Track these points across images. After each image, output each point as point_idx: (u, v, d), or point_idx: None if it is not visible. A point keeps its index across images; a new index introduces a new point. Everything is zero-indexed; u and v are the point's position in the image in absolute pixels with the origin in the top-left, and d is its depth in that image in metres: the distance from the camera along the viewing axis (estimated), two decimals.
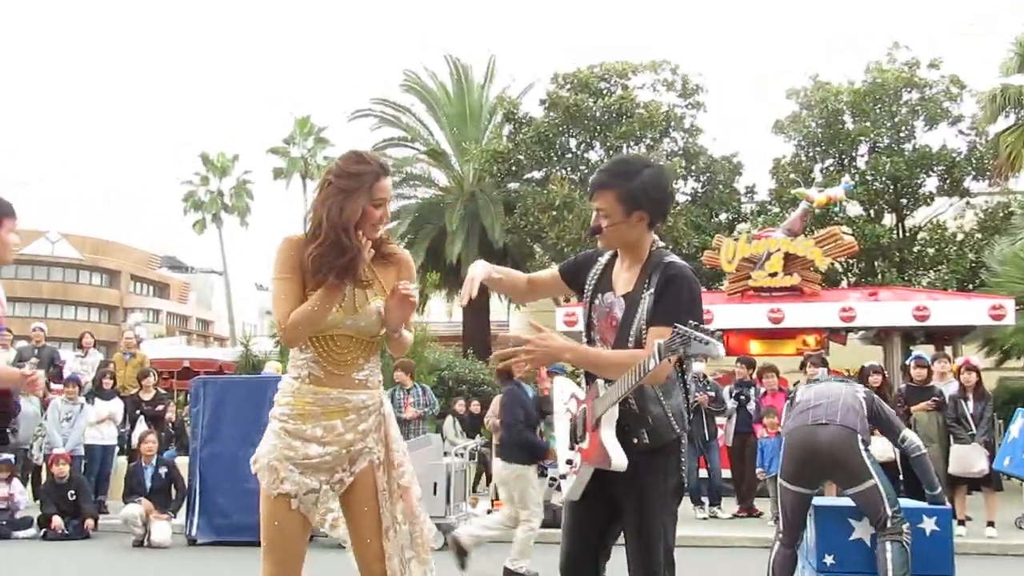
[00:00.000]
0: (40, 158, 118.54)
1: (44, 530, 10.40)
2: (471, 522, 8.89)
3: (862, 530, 5.66)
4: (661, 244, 3.50)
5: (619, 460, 3.20)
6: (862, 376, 11.80)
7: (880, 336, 16.70)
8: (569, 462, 3.46)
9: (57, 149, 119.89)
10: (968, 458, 9.73)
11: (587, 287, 3.61)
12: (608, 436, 3.26)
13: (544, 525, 11.22)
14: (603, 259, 3.63)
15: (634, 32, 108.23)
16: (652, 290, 3.35)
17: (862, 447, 5.54)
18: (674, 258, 3.44)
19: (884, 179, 21.40)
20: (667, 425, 3.33)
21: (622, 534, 3.52)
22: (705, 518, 11.60)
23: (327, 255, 3.27)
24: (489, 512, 11.16)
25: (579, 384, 3.72)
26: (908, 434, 5.99)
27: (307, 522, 3.40)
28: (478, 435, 13.44)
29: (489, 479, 12.82)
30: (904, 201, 21.95)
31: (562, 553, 3.54)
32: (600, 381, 3.36)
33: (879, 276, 20.88)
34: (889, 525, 5.38)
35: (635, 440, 3.29)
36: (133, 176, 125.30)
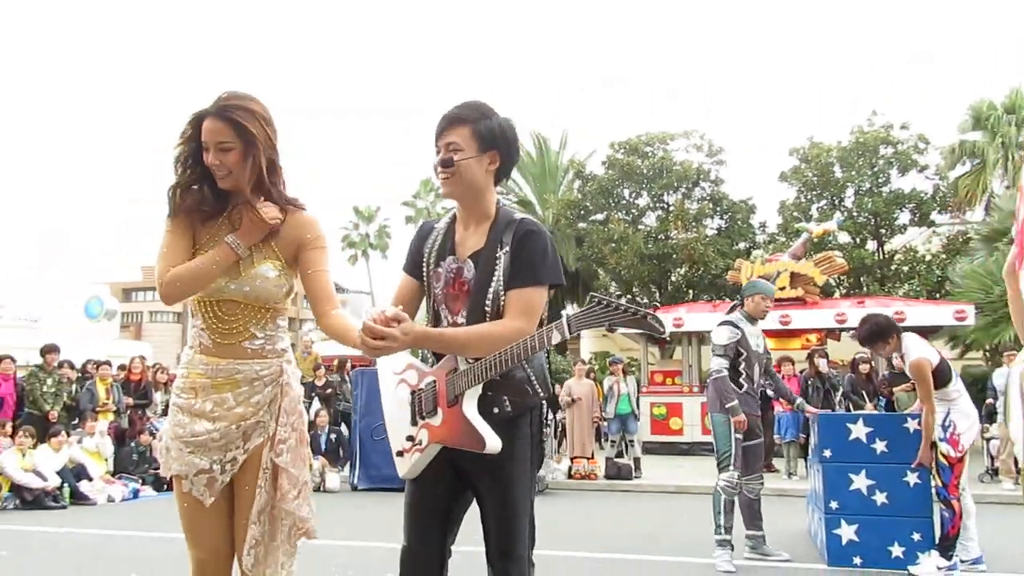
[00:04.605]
0: (51, 161, 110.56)
1: None
2: None
3: (860, 481, 5.50)
4: (505, 203, 2.50)
5: (494, 443, 2.19)
6: (854, 365, 11.51)
7: None
8: (411, 439, 2.38)
9: (66, 152, 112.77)
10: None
11: (426, 257, 2.46)
12: (475, 415, 2.23)
13: (608, 476, 11.16)
14: (439, 226, 2.50)
15: (672, 107, 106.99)
16: (508, 248, 2.32)
17: None
18: (526, 215, 2.45)
19: (867, 215, 20.88)
20: (528, 390, 2.35)
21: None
22: None
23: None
24: (570, 468, 11.16)
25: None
26: None
27: (217, 507, 2.39)
28: (558, 410, 13.39)
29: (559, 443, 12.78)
30: (883, 231, 21.36)
31: (406, 532, 2.42)
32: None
33: (864, 289, 20.42)
34: None
35: (496, 410, 2.28)
36: (154, 188, 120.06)
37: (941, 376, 5.25)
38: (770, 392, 6.86)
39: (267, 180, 2.38)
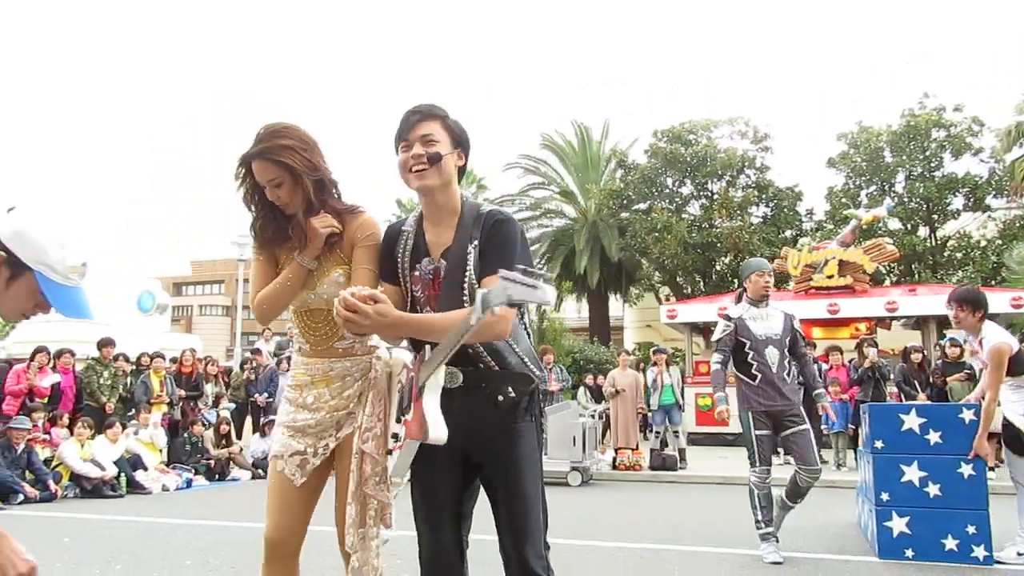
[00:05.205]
0: (55, 159, 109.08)
1: None
2: None
3: (911, 473, 5.40)
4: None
5: (437, 433, 2.07)
6: (905, 354, 11.27)
7: (918, 323, 15.94)
8: (395, 436, 2.37)
9: (73, 153, 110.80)
10: (997, 416, 9.12)
11: (400, 260, 2.40)
12: (431, 405, 2.11)
13: (653, 468, 11.11)
14: (407, 228, 2.42)
15: (717, 92, 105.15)
16: (477, 241, 2.27)
17: None
18: (493, 206, 2.37)
19: (918, 200, 20.41)
20: (525, 373, 2.31)
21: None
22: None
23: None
24: (615, 459, 11.15)
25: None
26: None
27: (303, 491, 2.57)
28: (602, 401, 13.37)
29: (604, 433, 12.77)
30: (935, 217, 20.86)
31: (423, 530, 2.37)
32: (428, 346, 2.19)
33: (916, 276, 19.98)
34: None
35: (500, 398, 2.25)
36: (154, 188, 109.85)
37: (1019, 363, 5.15)
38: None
39: (315, 200, 2.55)
